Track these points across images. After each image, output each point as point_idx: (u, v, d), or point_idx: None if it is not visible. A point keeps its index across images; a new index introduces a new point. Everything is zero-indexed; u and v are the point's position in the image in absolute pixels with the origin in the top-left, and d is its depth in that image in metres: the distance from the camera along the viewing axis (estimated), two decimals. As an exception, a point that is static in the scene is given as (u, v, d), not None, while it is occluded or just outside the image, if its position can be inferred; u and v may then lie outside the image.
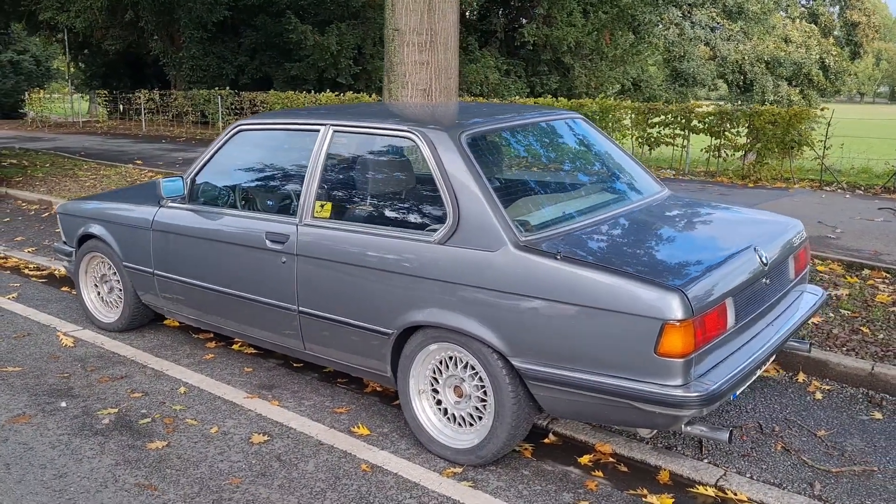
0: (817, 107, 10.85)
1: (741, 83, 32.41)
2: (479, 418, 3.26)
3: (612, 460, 3.37)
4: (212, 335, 4.79)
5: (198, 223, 4.14)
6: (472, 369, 3.23)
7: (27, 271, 6.44)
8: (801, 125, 10.14)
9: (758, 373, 3.28)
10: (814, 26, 36.14)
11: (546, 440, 3.55)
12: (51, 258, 6.66)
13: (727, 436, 2.88)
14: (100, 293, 5.01)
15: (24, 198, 9.77)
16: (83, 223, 4.89)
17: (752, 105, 12.93)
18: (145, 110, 20.41)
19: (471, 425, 3.30)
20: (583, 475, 3.25)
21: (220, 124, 17.56)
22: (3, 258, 6.88)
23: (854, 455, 3.38)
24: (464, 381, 3.27)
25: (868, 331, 4.50)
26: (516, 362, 3.02)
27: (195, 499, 2.97)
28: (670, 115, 11.36)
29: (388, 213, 3.54)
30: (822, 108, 10.46)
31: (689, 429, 2.93)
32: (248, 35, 21.77)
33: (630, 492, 3.12)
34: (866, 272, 5.69)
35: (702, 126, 11.08)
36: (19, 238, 7.63)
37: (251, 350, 4.56)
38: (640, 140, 11.77)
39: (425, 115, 3.76)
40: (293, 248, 3.67)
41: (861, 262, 5.86)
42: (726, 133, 10.85)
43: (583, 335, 2.87)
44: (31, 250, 7.07)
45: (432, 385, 3.39)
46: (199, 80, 21.51)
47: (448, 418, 3.38)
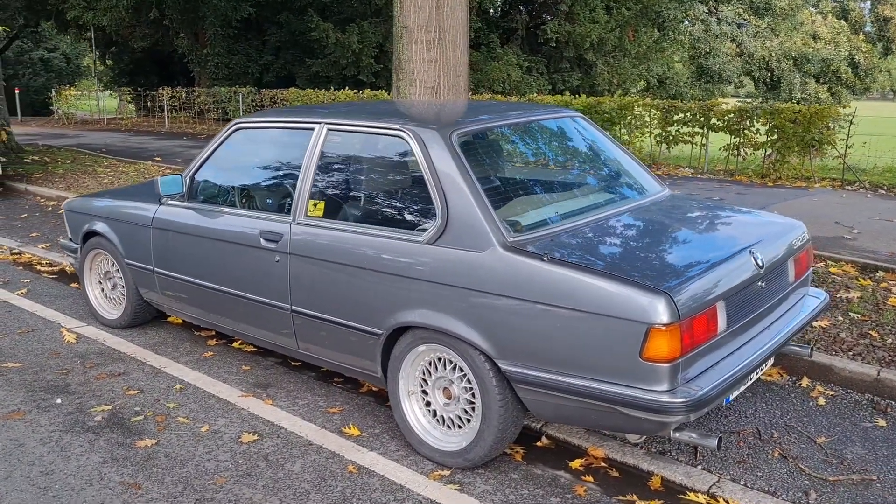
0: (847, 105, 10.63)
1: (768, 80, 31.89)
2: (468, 421, 3.23)
3: (604, 465, 3.32)
4: (213, 333, 4.80)
5: (196, 221, 4.15)
6: (461, 371, 3.19)
7: (39, 267, 6.51)
8: (822, 123, 9.95)
9: (753, 377, 3.20)
10: (843, 22, 35.49)
11: (538, 443, 3.50)
12: (63, 254, 6.72)
13: (716, 442, 2.81)
14: (104, 290, 5.04)
15: (43, 194, 9.90)
16: (87, 220, 4.92)
17: (772, 102, 12.72)
18: (168, 107, 20.60)
19: (459, 428, 3.27)
20: (573, 480, 3.20)
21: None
22: (18, 254, 6.96)
23: (854, 463, 3.29)
24: (452, 383, 3.24)
25: (877, 335, 4.38)
26: (503, 365, 2.98)
27: (178, 498, 2.97)
28: (689, 113, 11.19)
29: (380, 212, 3.52)
30: (845, 106, 10.26)
31: (678, 435, 2.87)
32: (272, 32, 21.88)
33: (619, 497, 3.06)
34: (881, 274, 5.55)
35: (721, 124, 10.91)
36: (35, 234, 7.72)
37: (251, 348, 4.56)
38: (658, 138, 11.62)
39: (419, 114, 3.72)
40: (286, 247, 3.66)
41: (876, 263, 5.72)
42: (746, 131, 10.67)
43: (569, 338, 2.82)
44: (44, 246, 7.15)
45: (422, 387, 3.36)
46: (223, 78, 21.66)
47: (437, 420, 3.34)
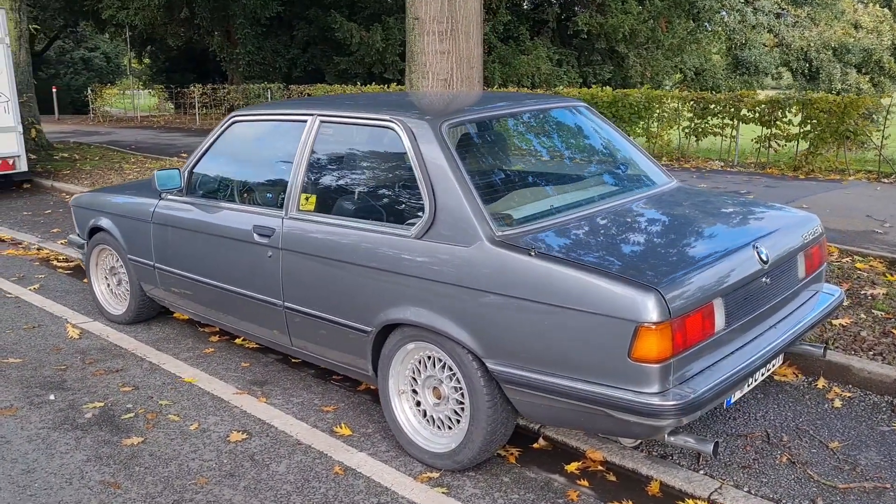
0: (889, 95, 10.25)
1: (806, 71, 31.00)
2: (458, 421, 3.12)
3: (601, 469, 3.18)
4: (217, 329, 4.75)
5: (193, 216, 4.10)
6: (450, 370, 3.08)
7: (56, 263, 6.55)
8: (856, 113, 9.60)
9: (758, 378, 3.04)
10: (887, 11, 34.37)
11: (535, 445, 3.37)
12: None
13: (712, 448, 2.66)
14: (109, 285, 5.03)
15: (69, 190, 10.00)
16: (93, 216, 4.91)
17: (804, 92, 12.35)
18: (199, 104, 20.77)
19: (449, 428, 3.15)
20: (567, 484, 3.07)
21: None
22: (37, 249, 7.02)
23: (867, 470, 3.10)
24: (442, 382, 3.13)
25: (901, 334, 4.17)
26: (490, 364, 2.86)
27: (156, 498, 2.90)
28: (719, 105, 10.90)
29: (370, 206, 3.42)
30: (882, 96, 9.89)
31: (673, 439, 2.72)
32: (300, 29, 21.91)
33: (614, 503, 2.93)
34: (910, 270, 5.31)
35: (752, 115, 10.61)
36: (55, 230, 7.79)
37: (253, 345, 4.50)
38: (687, 131, 11.35)
39: (411, 105, 3.61)
40: (278, 242, 3.58)
41: (906, 259, 5.47)
42: (777, 122, 10.36)
43: (556, 337, 2.68)
44: (63, 242, 7.19)
45: (412, 385, 3.25)
46: (254, 75, 21.77)
47: (428, 421, 3.24)
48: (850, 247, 5.85)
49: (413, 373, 3.24)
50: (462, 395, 3.05)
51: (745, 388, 3.00)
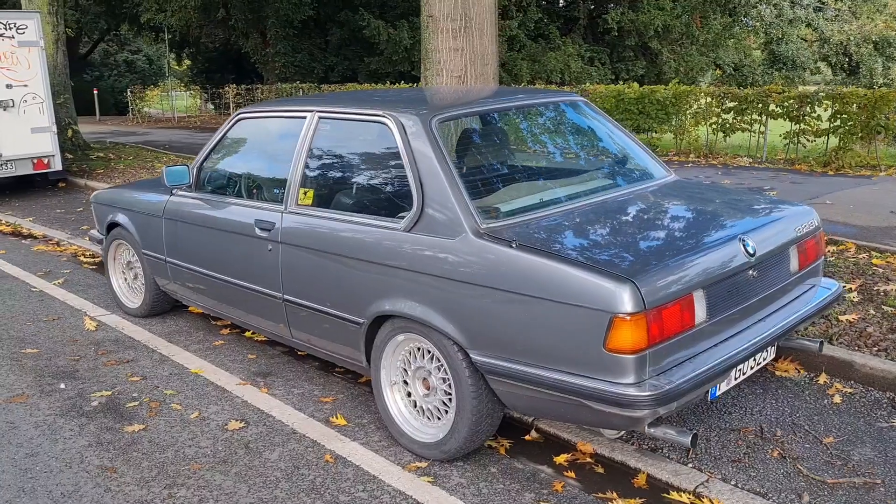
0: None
1: (846, 66, 30.29)
2: (446, 412, 3.16)
3: (590, 461, 3.20)
4: (228, 322, 4.86)
5: (200, 211, 4.20)
6: (438, 362, 3.13)
7: (82, 258, 6.74)
8: (888, 108, 9.39)
9: (747, 372, 3.03)
10: (933, 2, 33.45)
11: (527, 437, 3.40)
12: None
13: (690, 439, 2.66)
14: (126, 279, 5.17)
15: (101, 189, 10.25)
16: (110, 211, 5.06)
17: (834, 86, 12.09)
18: (234, 104, 21.10)
19: (438, 419, 3.20)
20: (553, 475, 3.09)
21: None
22: (66, 246, 7.23)
23: (859, 466, 3.07)
24: (430, 373, 3.17)
25: (909, 330, 4.09)
26: (474, 355, 2.90)
27: (149, 483, 3.00)
28: (745, 100, 10.75)
29: (363, 199, 3.48)
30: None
31: (653, 431, 2.72)
32: (334, 31, 22.12)
33: (598, 495, 2.94)
34: (929, 266, 5.20)
35: (780, 110, 10.44)
36: (86, 227, 8.00)
37: (261, 337, 4.59)
38: (714, 127, 11.21)
39: (406, 100, 3.65)
40: (278, 236, 3.66)
41: (925, 255, 5.36)
42: (806, 117, 10.18)
43: (536, 328, 2.71)
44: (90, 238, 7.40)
45: (403, 376, 3.30)
46: (290, 76, 22.03)
47: (418, 411, 3.28)
48: (868, 242, 5.75)
49: (404, 364, 3.29)
50: (449, 385, 3.09)
51: (733, 381, 2.99)
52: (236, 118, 4.18)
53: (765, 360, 3.15)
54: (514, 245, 2.79)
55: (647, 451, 3.23)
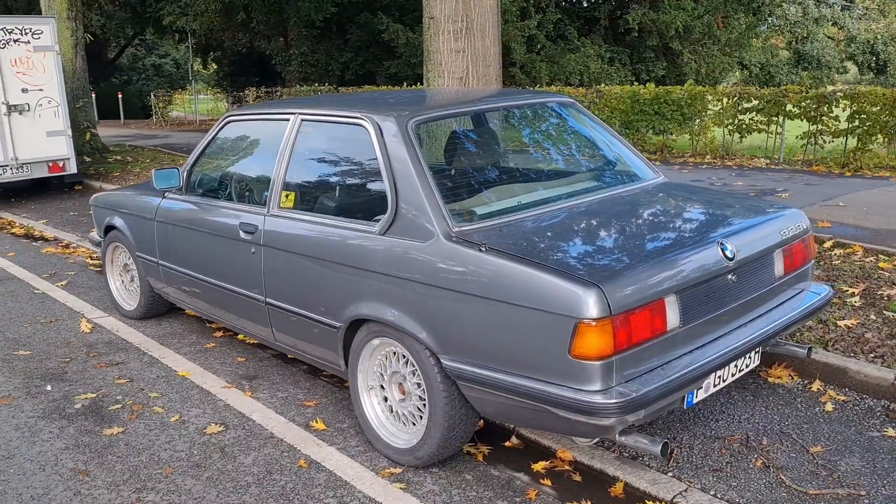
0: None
1: (873, 65, 29.70)
2: (421, 417, 3.12)
3: (568, 468, 3.13)
4: (221, 325, 4.86)
5: (189, 214, 4.21)
6: (412, 366, 3.09)
7: (88, 261, 6.80)
8: (908, 107, 9.18)
9: (726, 378, 2.95)
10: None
11: (507, 443, 3.35)
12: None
13: (660, 448, 2.59)
14: (123, 282, 5.20)
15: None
16: (108, 214, 5.09)
17: (853, 86, 11.85)
18: (254, 108, 21.20)
19: (413, 425, 3.16)
20: (529, 483, 3.03)
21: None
22: (75, 248, 7.30)
23: (845, 476, 2.97)
24: (405, 378, 3.14)
25: (909, 336, 3.97)
26: (445, 360, 2.85)
27: (119, 486, 3.00)
28: (762, 100, 10.57)
29: (342, 202, 3.45)
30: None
31: (623, 439, 2.66)
32: (353, 33, 22.20)
33: (571, 503, 2.88)
34: (938, 270, 5.05)
35: (798, 111, 10.25)
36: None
37: (253, 341, 4.58)
38: (730, 128, 11.04)
39: (387, 102, 3.62)
40: (260, 239, 3.64)
41: (935, 258, 5.21)
42: (823, 118, 9.99)
43: (503, 333, 2.66)
44: (99, 241, 7.46)
45: (380, 381, 3.27)
46: (309, 78, 22.13)
47: (395, 416, 3.25)
48: (877, 245, 5.61)
49: (381, 368, 3.25)
50: (424, 391, 3.05)
51: (712, 388, 2.91)
52: (224, 120, 4.18)
53: (747, 366, 3.07)
54: (483, 248, 2.75)
55: (627, 459, 3.16)
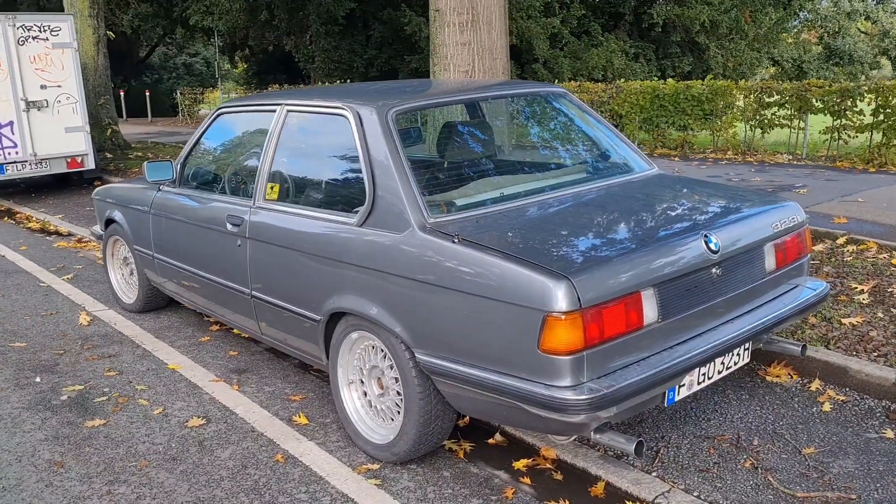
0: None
1: (906, 60, 29.05)
2: (399, 413, 3.05)
3: (550, 467, 3.05)
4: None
5: (180, 206, 4.19)
6: (390, 361, 3.02)
7: (97, 254, 6.83)
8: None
9: (711, 375, 2.84)
10: None
11: (491, 440, 3.27)
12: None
13: (633, 447, 2.50)
14: (123, 275, 5.21)
15: (133, 187, 10.44)
16: (108, 207, 5.10)
17: (878, 80, 11.57)
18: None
19: (391, 420, 3.10)
20: (508, 481, 2.95)
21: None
22: (86, 242, 7.36)
23: (836, 479, 2.85)
24: (384, 372, 3.08)
25: (917, 334, 3.82)
26: (419, 354, 2.79)
27: (93, 479, 2.97)
28: (784, 95, 10.33)
29: (322, 193, 3.40)
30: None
31: (598, 437, 2.57)
32: (375, 28, 22.19)
33: (549, 503, 2.80)
34: (954, 267, 4.87)
35: (821, 105, 10.01)
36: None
37: (246, 334, 4.55)
38: (752, 123, 10.81)
39: (371, 92, 3.56)
40: (246, 231, 3.61)
41: (952, 255, 5.02)
42: (847, 112, 9.73)
43: (474, 326, 2.59)
44: (110, 235, 7.51)
45: (360, 376, 3.21)
46: (332, 74, 22.15)
47: (374, 411, 3.19)
48: (892, 242, 5.42)
49: (360, 362, 3.19)
50: (401, 386, 2.99)
51: (696, 386, 2.81)
52: (216, 113, 4.15)
53: (736, 364, 2.96)
54: (456, 240, 2.67)
55: (611, 458, 3.07)
